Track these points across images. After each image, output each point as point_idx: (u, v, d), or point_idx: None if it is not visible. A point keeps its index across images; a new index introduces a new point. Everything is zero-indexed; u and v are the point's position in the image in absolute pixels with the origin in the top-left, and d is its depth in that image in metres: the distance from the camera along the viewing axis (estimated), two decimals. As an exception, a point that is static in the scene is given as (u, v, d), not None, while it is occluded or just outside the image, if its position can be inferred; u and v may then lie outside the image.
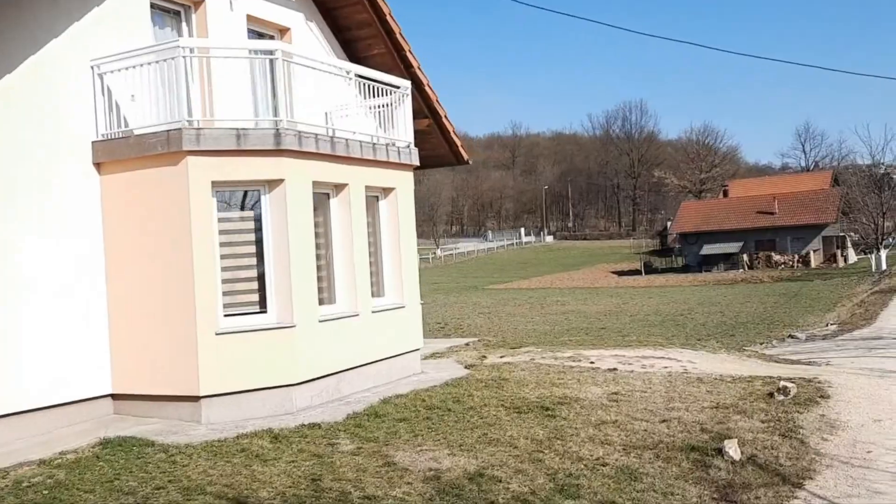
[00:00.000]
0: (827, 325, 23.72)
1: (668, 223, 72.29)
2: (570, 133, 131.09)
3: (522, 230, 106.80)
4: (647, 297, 46.91)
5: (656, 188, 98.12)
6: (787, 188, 66.77)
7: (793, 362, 13.44)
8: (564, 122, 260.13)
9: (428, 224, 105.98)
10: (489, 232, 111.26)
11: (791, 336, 21.52)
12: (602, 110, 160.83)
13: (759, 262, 61.81)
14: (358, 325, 9.87)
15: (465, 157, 14.90)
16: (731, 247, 62.29)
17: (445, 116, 14.10)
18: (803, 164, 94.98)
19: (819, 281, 48.95)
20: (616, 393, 9.37)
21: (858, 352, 16.07)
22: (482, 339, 16.48)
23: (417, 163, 11.45)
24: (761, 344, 21.57)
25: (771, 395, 8.82)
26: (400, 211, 10.99)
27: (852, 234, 59.59)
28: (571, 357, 12.39)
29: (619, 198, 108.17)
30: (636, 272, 69.55)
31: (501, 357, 12.83)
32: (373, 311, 10.20)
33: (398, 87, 11.30)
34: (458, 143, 14.63)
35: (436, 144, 14.58)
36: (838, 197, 58.46)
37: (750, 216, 63.36)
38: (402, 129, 11.28)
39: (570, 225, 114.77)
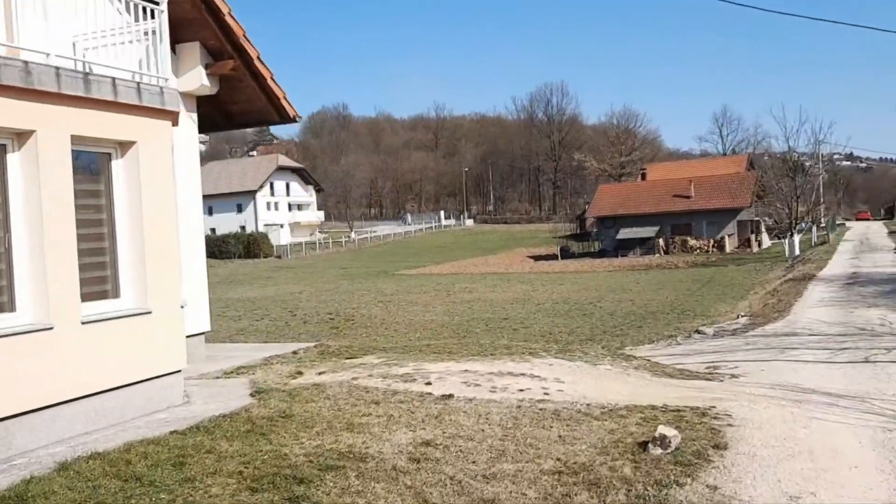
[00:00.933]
0: (738, 318, 21.56)
1: (588, 207, 70.52)
2: (493, 116, 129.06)
3: (442, 213, 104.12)
4: (559, 283, 44.85)
5: (577, 172, 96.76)
6: (704, 172, 65.92)
7: (690, 375, 10.76)
8: (489, 105, 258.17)
9: (342, 206, 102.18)
10: (408, 215, 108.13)
11: (698, 331, 19.19)
12: (527, 93, 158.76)
13: (674, 247, 60.66)
14: (54, 343, 6.58)
15: (292, 112, 11.65)
16: (648, 231, 60.91)
17: (258, 58, 10.80)
18: (720, 149, 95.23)
19: (733, 266, 47.74)
20: (428, 442, 6.37)
21: (770, 353, 13.66)
22: (322, 344, 13.32)
23: (178, 108, 8.12)
24: (668, 339, 19.23)
25: (644, 446, 5.97)
26: (146, 175, 7.66)
27: (766, 218, 59.03)
28: (407, 375, 9.37)
29: (541, 181, 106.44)
30: (553, 257, 67.75)
31: (319, 374, 9.72)
32: (85, 322, 6.90)
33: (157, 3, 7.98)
34: (281, 94, 11.36)
35: (251, 96, 11.31)
36: (753, 181, 57.64)
37: (666, 200, 62.12)
38: (159, 61, 7.95)
39: (491, 208, 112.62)
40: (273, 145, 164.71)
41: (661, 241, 60.84)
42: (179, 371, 8.05)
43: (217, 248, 78.93)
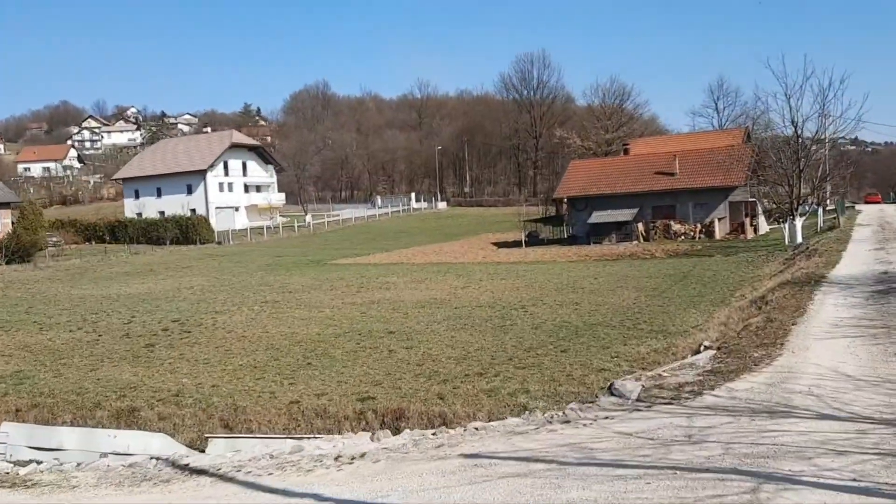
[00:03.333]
0: (700, 349, 13.10)
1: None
2: (480, 93, 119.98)
3: (413, 196, 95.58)
4: (503, 277, 36.79)
5: (559, 150, 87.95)
6: (692, 146, 57.16)
7: None
8: (476, 82, 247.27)
9: (294, 186, 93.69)
10: (378, 198, 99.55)
11: (613, 391, 10.65)
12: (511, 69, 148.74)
13: (656, 233, 52.08)
14: None
15: None
16: (624, 214, 52.28)
17: None
18: (716, 124, 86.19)
19: (720, 257, 39.23)
20: None
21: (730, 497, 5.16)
22: None
23: None
24: (554, 404, 11.09)
25: None
26: None
27: (764, 200, 50.42)
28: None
29: (521, 161, 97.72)
30: (520, 244, 59.38)
31: None
32: None
33: None
34: None
35: None
36: (749, 154, 48.88)
37: (647, 178, 53.44)
38: None
39: (468, 190, 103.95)
40: (258, 127, 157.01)
41: (640, 225, 52.25)
42: None
43: (148, 233, 70.79)
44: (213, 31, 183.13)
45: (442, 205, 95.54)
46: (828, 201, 57.05)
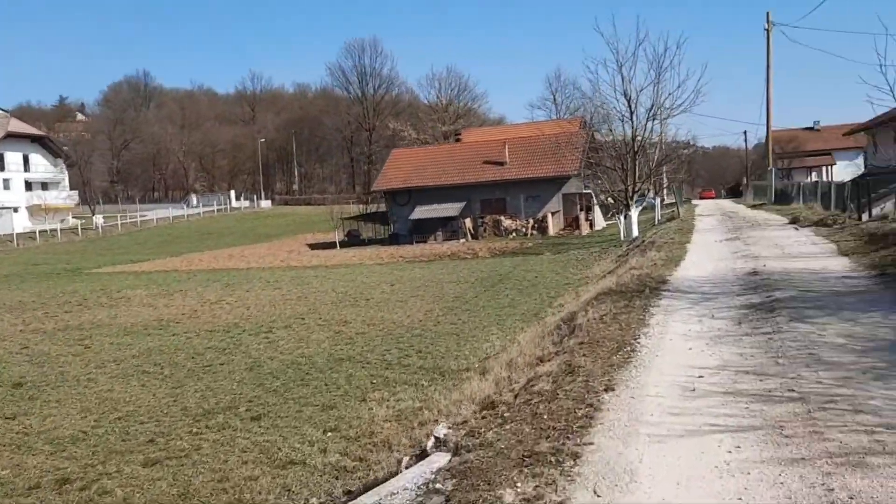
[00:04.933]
0: (423, 454, 6.05)
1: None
2: (316, 87, 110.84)
3: (232, 193, 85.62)
4: (281, 286, 29.60)
5: (394, 142, 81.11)
6: (528, 135, 51.75)
7: None
8: (315, 76, 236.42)
9: (118, 186, 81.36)
10: (193, 196, 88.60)
11: None
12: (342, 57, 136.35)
13: (485, 229, 46.10)
14: None
15: None
16: (450, 209, 45.89)
17: None
18: (555, 116, 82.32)
19: (548, 255, 33.44)
20: None
21: None
22: None
23: None
24: None
25: None
26: None
27: (601, 195, 45.77)
28: None
29: (354, 154, 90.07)
30: (341, 243, 51.86)
31: None
32: None
33: None
34: None
35: None
36: (584, 141, 43.82)
37: (475, 168, 47.38)
38: None
39: (296, 187, 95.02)
40: (76, 122, 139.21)
41: (467, 221, 46.09)
42: None
43: None
44: (23, 15, 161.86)
45: (266, 203, 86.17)
46: (665, 192, 53.48)
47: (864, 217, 18.05)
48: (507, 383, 8.63)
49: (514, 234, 45.32)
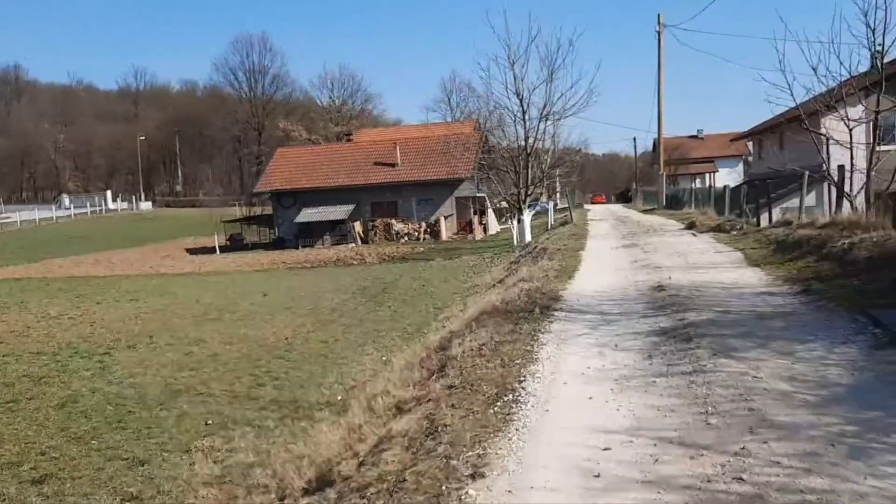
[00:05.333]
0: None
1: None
2: (205, 84, 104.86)
3: (109, 194, 79.74)
4: (139, 298, 26.57)
5: (284, 143, 77.64)
6: (418, 135, 49.95)
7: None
8: (202, 72, 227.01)
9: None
10: (65, 197, 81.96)
11: None
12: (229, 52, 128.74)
13: (375, 233, 43.97)
14: None
15: None
16: (338, 212, 43.47)
17: None
18: (450, 120, 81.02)
19: (438, 261, 31.72)
20: None
21: None
22: None
23: None
24: None
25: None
26: None
27: (495, 199, 44.53)
28: None
29: (242, 155, 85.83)
30: (220, 248, 48.46)
31: None
32: None
33: None
34: None
35: None
36: (477, 141, 42.39)
37: (366, 169, 45.16)
38: None
39: (180, 189, 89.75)
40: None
41: (357, 224, 43.81)
42: None
43: None
44: None
45: (146, 205, 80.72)
46: (558, 197, 53.00)
47: (763, 222, 17.11)
48: (358, 438, 6.61)
49: (405, 238, 43.40)
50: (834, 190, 19.41)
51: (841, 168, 16.43)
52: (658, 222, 23.13)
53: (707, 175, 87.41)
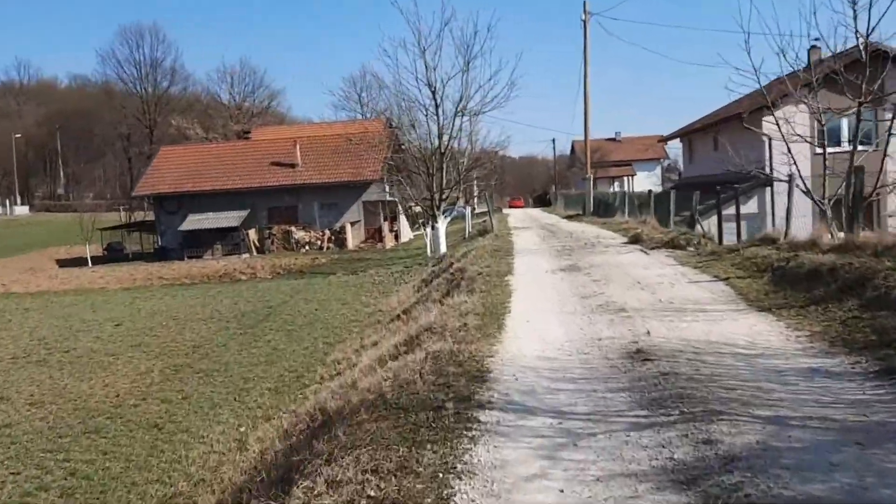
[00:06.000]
0: None
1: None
2: (98, 78, 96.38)
3: (-21, 198, 71.82)
4: None
5: (179, 141, 71.60)
6: (322, 133, 45.65)
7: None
8: (90, 66, 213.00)
9: None
10: (-71, 201, 73.35)
11: None
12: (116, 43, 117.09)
13: (273, 242, 39.46)
14: None
15: None
16: (230, 218, 38.73)
17: None
18: (360, 117, 76.64)
19: (340, 277, 27.79)
20: None
21: None
22: None
23: None
24: None
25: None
26: None
27: (408, 202, 40.69)
28: None
29: (132, 154, 78.95)
30: (96, 259, 42.97)
31: None
32: None
33: None
34: None
35: None
36: (387, 139, 38.44)
37: (262, 170, 40.55)
38: None
39: (61, 192, 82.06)
40: None
41: (251, 232, 39.20)
42: None
43: None
44: None
45: (22, 209, 73.12)
46: (476, 201, 49.65)
47: (722, 236, 13.96)
48: None
49: (307, 247, 39.06)
50: (783, 197, 16.57)
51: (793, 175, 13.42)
52: (592, 233, 19.81)
53: (626, 178, 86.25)
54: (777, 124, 14.88)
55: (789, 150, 14.57)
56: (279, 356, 14.83)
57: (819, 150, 25.30)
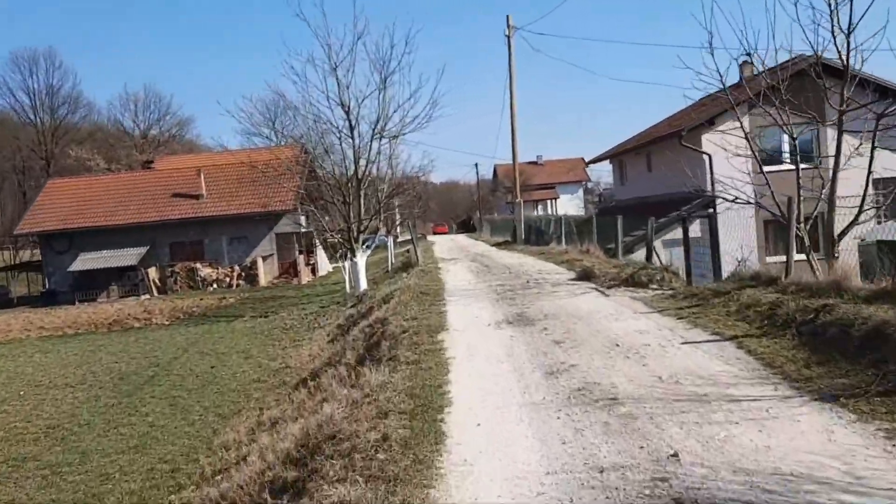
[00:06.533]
0: None
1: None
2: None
3: None
4: None
5: (79, 173, 66.49)
6: (230, 162, 42.19)
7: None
8: None
9: None
10: None
11: None
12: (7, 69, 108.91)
13: (176, 280, 35.76)
14: None
15: None
16: (127, 256, 34.87)
17: None
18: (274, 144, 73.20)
19: (249, 318, 24.72)
20: None
21: None
22: None
23: None
24: None
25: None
26: None
27: (325, 233, 37.67)
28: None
29: (27, 188, 73.08)
30: (-26, 307, 38.04)
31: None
32: None
33: None
34: None
35: None
36: (303, 166, 35.42)
37: (163, 202, 36.88)
38: None
39: (-53, 229, 75.02)
40: None
41: (151, 271, 35.41)
42: None
43: None
44: None
45: None
46: (399, 229, 47.01)
47: (711, 276, 11.75)
48: None
49: (214, 285, 35.55)
50: (734, 219, 14.58)
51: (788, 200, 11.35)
52: (532, 266, 17.41)
53: (549, 202, 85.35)
54: (747, 136, 12.83)
55: (763, 166, 12.59)
56: (155, 438, 11.76)
57: (766, 169, 23.94)
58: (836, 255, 11.38)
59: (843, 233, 11.16)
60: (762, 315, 7.67)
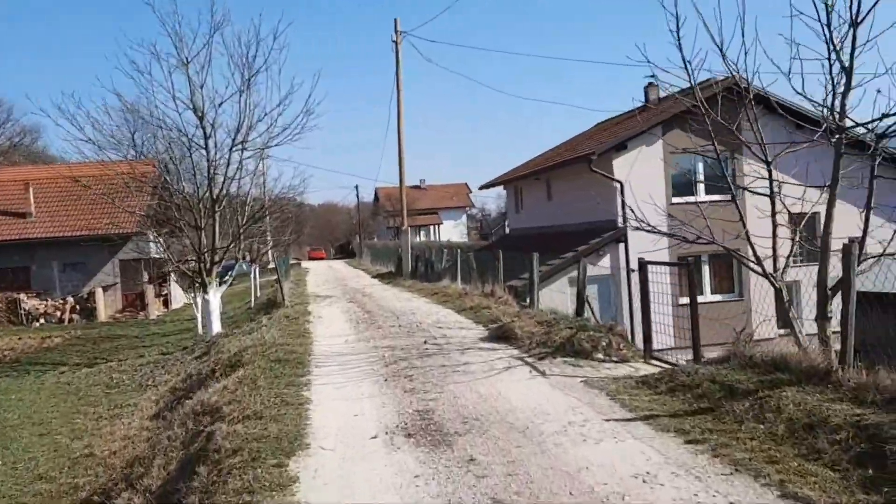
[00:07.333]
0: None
1: None
2: None
3: None
4: None
5: None
6: (66, 174, 36.41)
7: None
8: None
9: None
10: None
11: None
12: None
13: (-6, 315, 29.85)
14: None
15: None
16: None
17: None
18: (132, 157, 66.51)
19: (69, 369, 19.85)
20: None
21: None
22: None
23: None
24: None
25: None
26: None
27: (176, 261, 32.73)
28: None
29: None
30: None
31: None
32: None
33: None
34: None
35: None
36: (150, 185, 30.38)
37: (-22, 220, 30.89)
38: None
39: None
40: None
41: (-40, 304, 29.34)
42: None
43: None
44: None
45: None
46: (270, 255, 42.30)
47: (687, 355, 8.70)
48: None
49: (42, 320, 29.85)
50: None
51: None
52: (427, 314, 13.91)
53: (432, 227, 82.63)
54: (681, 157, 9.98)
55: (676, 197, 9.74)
56: None
57: (676, 200, 21.70)
58: (829, 314, 8.64)
59: (837, 287, 8.36)
60: (843, 447, 4.49)
